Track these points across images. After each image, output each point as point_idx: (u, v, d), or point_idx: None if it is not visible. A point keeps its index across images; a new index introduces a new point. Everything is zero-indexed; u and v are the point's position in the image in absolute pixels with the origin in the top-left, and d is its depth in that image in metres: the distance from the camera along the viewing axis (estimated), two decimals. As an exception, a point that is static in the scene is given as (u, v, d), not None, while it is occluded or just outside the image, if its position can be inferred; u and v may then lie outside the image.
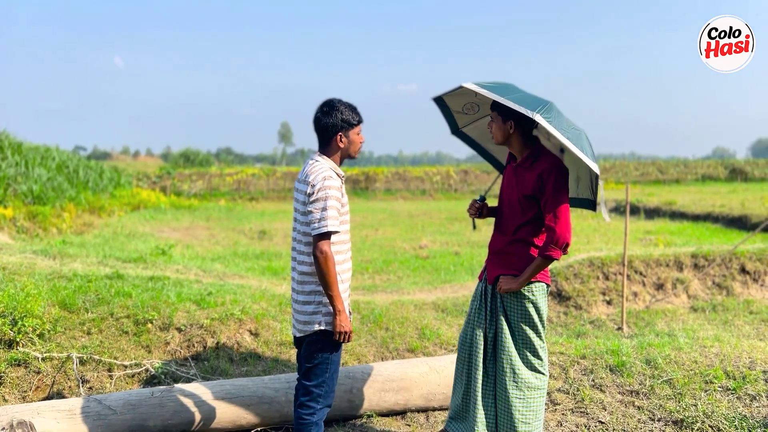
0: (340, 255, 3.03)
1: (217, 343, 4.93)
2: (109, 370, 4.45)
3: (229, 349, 4.91)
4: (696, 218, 15.37)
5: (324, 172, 2.94)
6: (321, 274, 2.87)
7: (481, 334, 3.40)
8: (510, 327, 3.37)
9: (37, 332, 4.54)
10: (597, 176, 3.30)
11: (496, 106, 3.24)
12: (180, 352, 4.79)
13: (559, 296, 7.02)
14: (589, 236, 11.87)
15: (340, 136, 3.04)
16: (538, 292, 3.34)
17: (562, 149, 3.57)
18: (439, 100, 3.70)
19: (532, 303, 3.33)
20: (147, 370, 4.52)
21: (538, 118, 2.96)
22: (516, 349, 3.35)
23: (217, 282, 6.17)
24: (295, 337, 3.13)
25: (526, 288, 3.30)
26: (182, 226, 16.03)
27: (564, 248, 3.19)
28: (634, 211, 17.67)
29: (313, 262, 2.90)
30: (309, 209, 2.90)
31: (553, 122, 3.02)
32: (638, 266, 7.50)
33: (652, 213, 17.26)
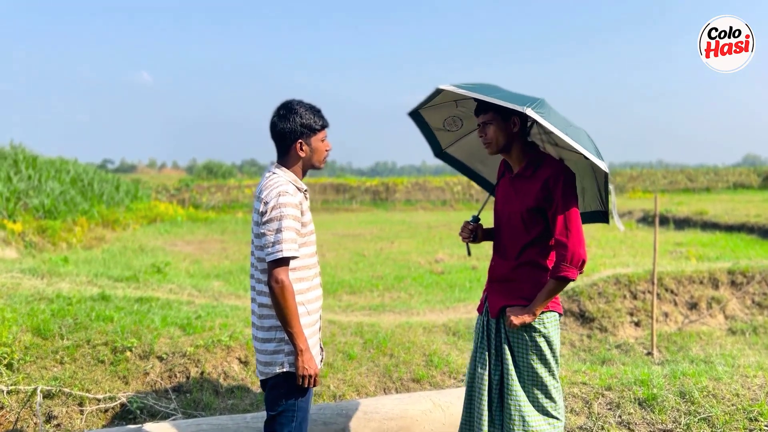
0: (304, 282, 2.58)
1: (202, 373, 4.50)
2: (80, 405, 4.04)
3: (214, 380, 4.48)
4: (729, 229, 14.59)
5: (279, 186, 2.50)
6: (278, 307, 2.43)
7: (485, 376, 2.91)
8: (517, 366, 2.88)
9: (5, 362, 4.16)
10: (606, 175, 2.80)
11: (489, 106, 2.77)
12: (160, 384, 4.36)
13: (582, 317, 6.45)
14: (615, 249, 11.23)
15: (300, 143, 2.60)
16: (549, 324, 2.85)
17: (562, 159, 3.08)
18: (416, 116, 3.20)
19: (543, 336, 2.83)
20: (122, 404, 4.10)
21: (529, 112, 2.49)
22: (525, 392, 2.85)
23: (211, 303, 5.76)
24: (260, 379, 2.68)
25: (536, 319, 2.82)
26: (196, 240, 15.74)
27: (580, 266, 2.70)
28: (663, 221, 16.92)
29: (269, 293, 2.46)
30: (262, 231, 2.46)
31: (547, 118, 2.56)
32: (669, 284, 6.90)
33: (682, 223, 16.49)
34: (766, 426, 3.85)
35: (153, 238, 15.28)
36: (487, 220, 3.12)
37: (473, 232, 3.09)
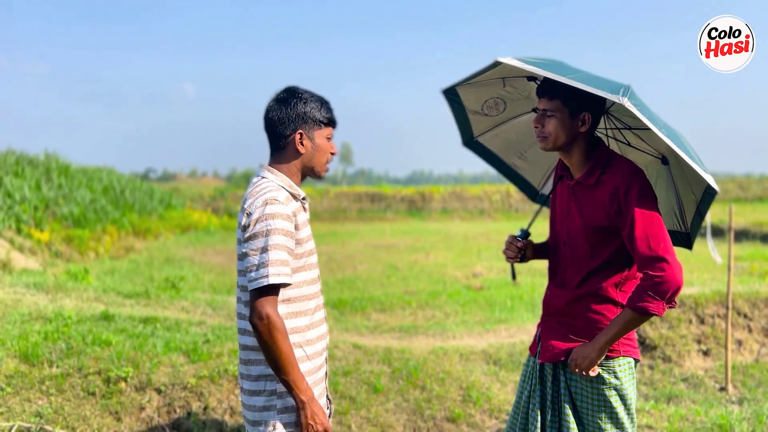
0: (302, 318, 1.98)
1: (205, 408, 3.93)
2: (63, 446, 3.51)
3: (219, 416, 3.90)
4: (794, 241, 13.49)
5: (267, 193, 1.92)
6: (267, 350, 1.84)
7: None
8: (581, 425, 2.22)
9: (-16, 393, 3.67)
10: (708, 188, 2.14)
11: (561, 91, 2.12)
12: (156, 420, 3.81)
13: (642, 345, 5.67)
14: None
15: (301, 135, 2.02)
16: (622, 372, 2.19)
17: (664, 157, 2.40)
18: (452, 94, 2.57)
19: (615, 389, 2.18)
20: (111, 445, 3.56)
21: (627, 104, 1.87)
22: None
23: (223, 324, 5.21)
24: None
25: (604, 365, 2.16)
26: (228, 249, 15.37)
27: (671, 298, 2.02)
28: (717, 233, 15.80)
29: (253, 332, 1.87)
30: (244, 251, 1.89)
31: (642, 111, 1.94)
32: (742, 306, 6.06)
33: (739, 235, 15.36)
34: None
35: (183, 248, 14.97)
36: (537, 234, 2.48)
37: (522, 251, 2.45)
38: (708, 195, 2.18)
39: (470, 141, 2.75)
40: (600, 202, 2.14)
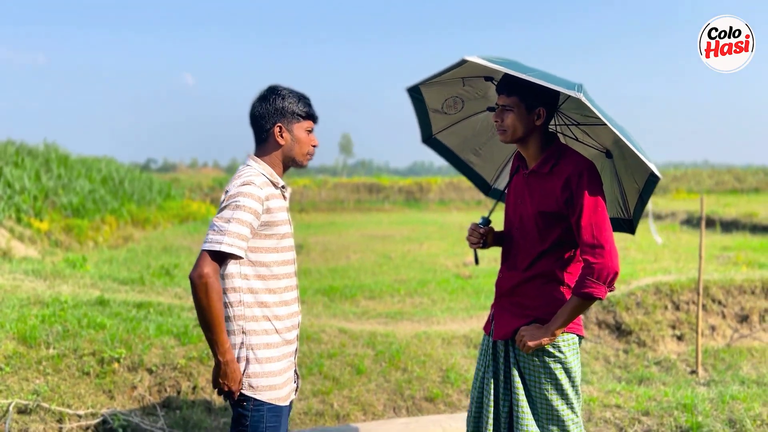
0: (272, 295, 2.20)
1: (194, 387, 4.15)
2: (59, 421, 3.72)
3: (207, 395, 4.12)
4: (782, 232, 13.67)
5: (246, 177, 2.15)
6: (198, 307, 2.03)
7: (491, 408, 2.45)
8: (530, 397, 2.42)
9: (-16, 373, 3.87)
10: (651, 176, 2.32)
11: (518, 88, 2.30)
12: (148, 399, 4.03)
13: (618, 330, 5.89)
14: (657, 253, 10.55)
15: (280, 128, 2.24)
16: (567, 348, 2.39)
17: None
18: (416, 92, 2.75)
19: (561, 363, 2.38)
20: (104, 420, 3.77)
21: (582, 98, 2.09)
22: (539, 427, 2.39)
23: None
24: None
25: (550, 343, 2.36)
26: (224, 239, 15.55)
27: (610, 282, 2.23)
28: (709, 223, 16.01)
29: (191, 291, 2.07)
30: (213, 219, 2.10)
31: (595, 107, 2.13)
32: (716, 293, 6.27)
33: (730, 226, 15.56)
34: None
35: (181, 237, 15.16)
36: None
37: (483, 237, 2.64)
38: (651, 182, 2.37)
39: (429, 138, 2.94)
40: (552, 189, 2.33)
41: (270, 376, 2.17)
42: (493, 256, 11.32)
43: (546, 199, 2.35)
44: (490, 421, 2.45)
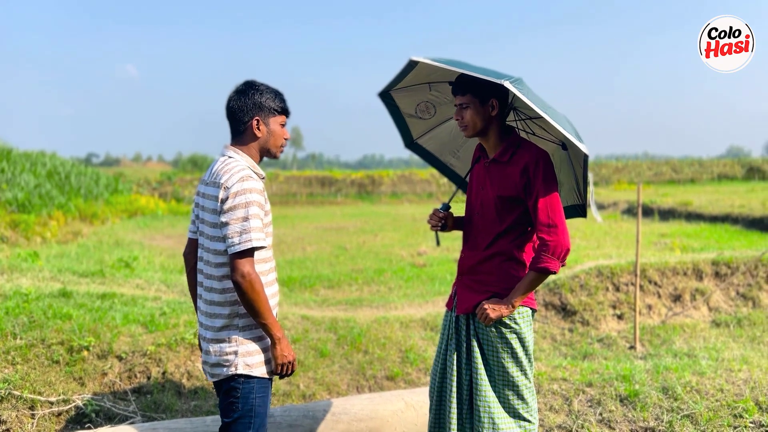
0: (262, 276, 2.37)
1: (164, 373, 4.27)
2: (32, 408, 3.79)
3: (177, 380, 4.26)
4: (714, 219, 14.54)
5: (241, 171, 2.31)
6: (248, 302, 2.23)
7: (454, 378, 2.72)
8: (488, 365, 2.69)
9: (-49, 364, 3.91)
10: (585, 158, 2.60)
11: (470, 86, 2.56)
12: (119, 385, 4.14)
13: (563, 311, 6.29)
14: (599, 240, 11.10)
15: (258, 121, 2.42)
16: (522, 320, 2.66)
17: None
18: (387, 98, 2.98)
19: (516, 333, 2.65)
20: (77, 407, 3.87)
21: (507, 85, 2.32)
22: (496, 393, 2.67)
23: (178, 299, 5.52)
24: (212, 381, 2.47)
25: (506, 316, 2.63)
26: (177, 233, 15.43)
27: (563, 257, 2.52)
28: (648, 212, 16.86)
29: (234, 289, 2.26)
30: (224, 220, 2.25)
31: (527, 95, 2.38)
32: (653, 275, 6.75)
33: (667, 214, 16.43)
34: (751, 423, 3.70)
35: (131, 232, 14.96)
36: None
37: (442, 220, 2.89)
38: (585, 163, 2.65)
39: (411, 143, 3.18)
40: (511, 175, 2.60)
41: (259, 354, 2.37)
42: (445, 245, 11.70)
43: (505, 184, 2.61)
44: (454, 390, 2.70)
